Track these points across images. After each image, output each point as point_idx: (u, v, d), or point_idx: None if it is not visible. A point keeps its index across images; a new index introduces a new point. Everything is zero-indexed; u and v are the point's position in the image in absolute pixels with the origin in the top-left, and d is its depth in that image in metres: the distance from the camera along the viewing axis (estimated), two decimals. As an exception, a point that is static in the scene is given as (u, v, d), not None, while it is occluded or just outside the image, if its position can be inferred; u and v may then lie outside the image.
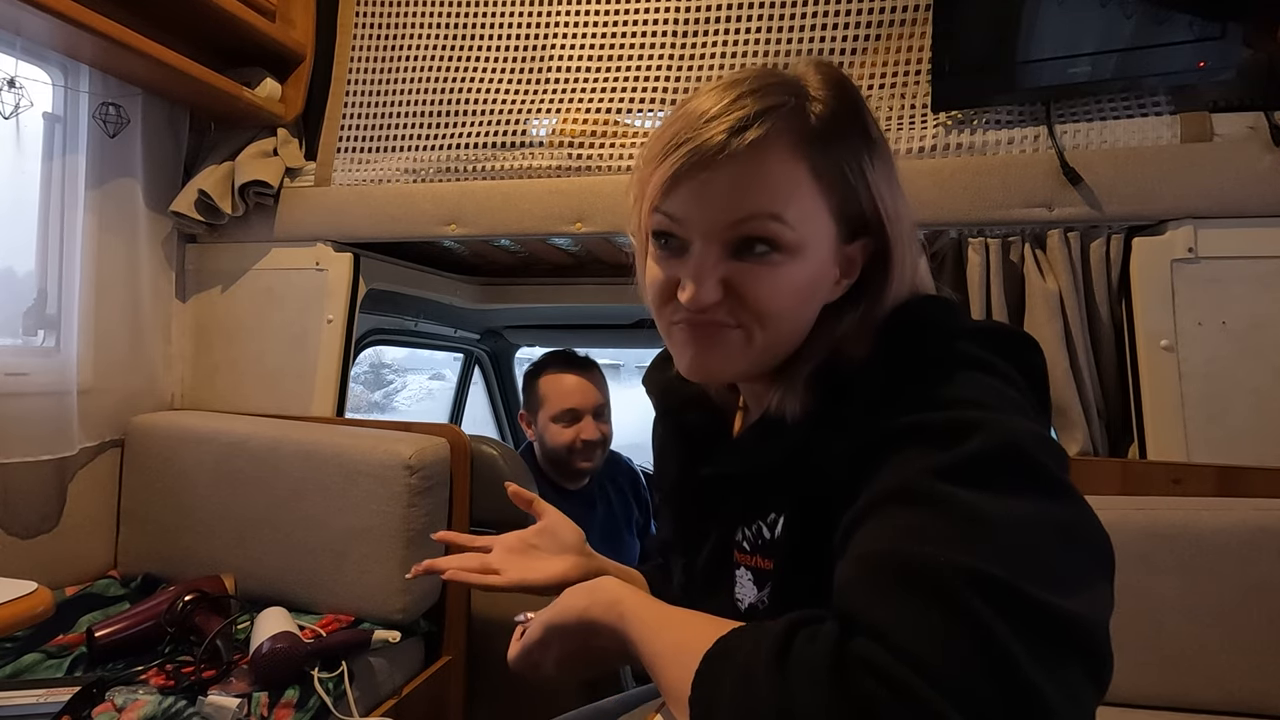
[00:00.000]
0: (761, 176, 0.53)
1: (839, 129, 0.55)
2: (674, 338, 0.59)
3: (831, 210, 0.55)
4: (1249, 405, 1.09)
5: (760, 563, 0.59)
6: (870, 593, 0.40)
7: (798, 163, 0.53)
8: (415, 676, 1.28)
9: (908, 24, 1.27)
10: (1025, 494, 0.42)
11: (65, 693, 0.91)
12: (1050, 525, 0.41)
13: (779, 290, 0.54)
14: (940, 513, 0.41)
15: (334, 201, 1.53)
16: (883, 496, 0.45)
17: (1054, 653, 0.36)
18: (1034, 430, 0.46)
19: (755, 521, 0.59)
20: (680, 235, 0.55)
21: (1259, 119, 1.10)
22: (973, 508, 0.41)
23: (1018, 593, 0.37)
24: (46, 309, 1.34)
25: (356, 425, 1.43)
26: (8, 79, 1.18)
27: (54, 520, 1.31)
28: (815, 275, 0.55)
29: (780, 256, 0.53)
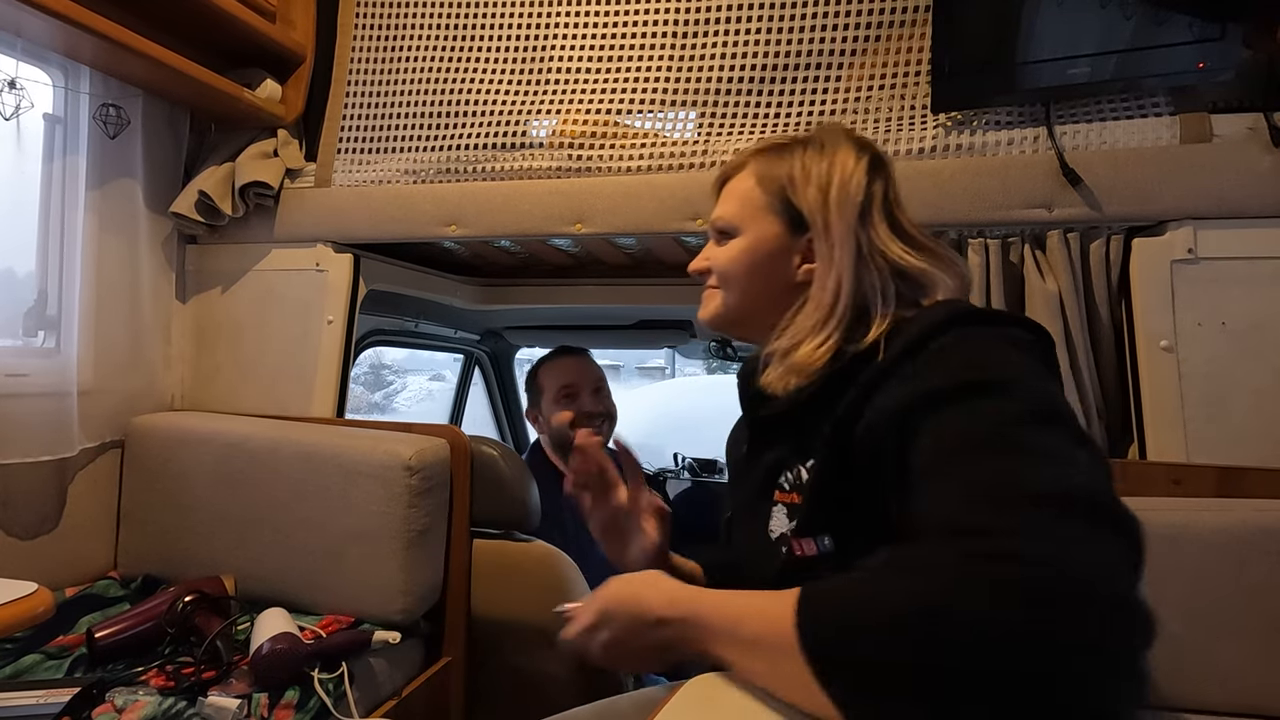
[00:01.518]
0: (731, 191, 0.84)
1: (788, 150, 0.79)
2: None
3: (771, 207, 0.79)
4: (1249, 406, 1.09)
5: (793, 499, 0.71)
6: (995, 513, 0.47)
7: (749, 175, 0.81)
8: (415, 677, 1.28)
9: (908, 24, 1.27)
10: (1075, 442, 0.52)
11: (65, 694, 0.91)
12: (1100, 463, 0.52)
13: (728, 262, 0.81)
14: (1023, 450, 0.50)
15: (334, 202, 1.53)
16: (961, 442, 0.53)
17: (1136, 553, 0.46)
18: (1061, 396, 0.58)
19: (796, 466, 0.72)
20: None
21: (1259, 120, 1.10)
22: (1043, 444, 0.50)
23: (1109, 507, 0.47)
24: (47, 310, 1.34)
25: (356, 426, 1.43)
26: (8, 80, 1.18)
27: (54, 521, 1.32)
28: (753, 248, 0.79)
29: (727, 238, 0.81)
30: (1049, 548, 0.43)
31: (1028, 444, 0.50)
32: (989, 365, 0.58)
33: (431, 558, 1.30)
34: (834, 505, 0.66)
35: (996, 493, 0.48)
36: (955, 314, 0.63)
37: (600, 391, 1.82)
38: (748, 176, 0.81)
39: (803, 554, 0.67)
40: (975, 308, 0.66)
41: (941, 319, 0.63)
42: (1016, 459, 0.50)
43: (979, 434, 0.52)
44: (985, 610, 0.42)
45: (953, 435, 0.54)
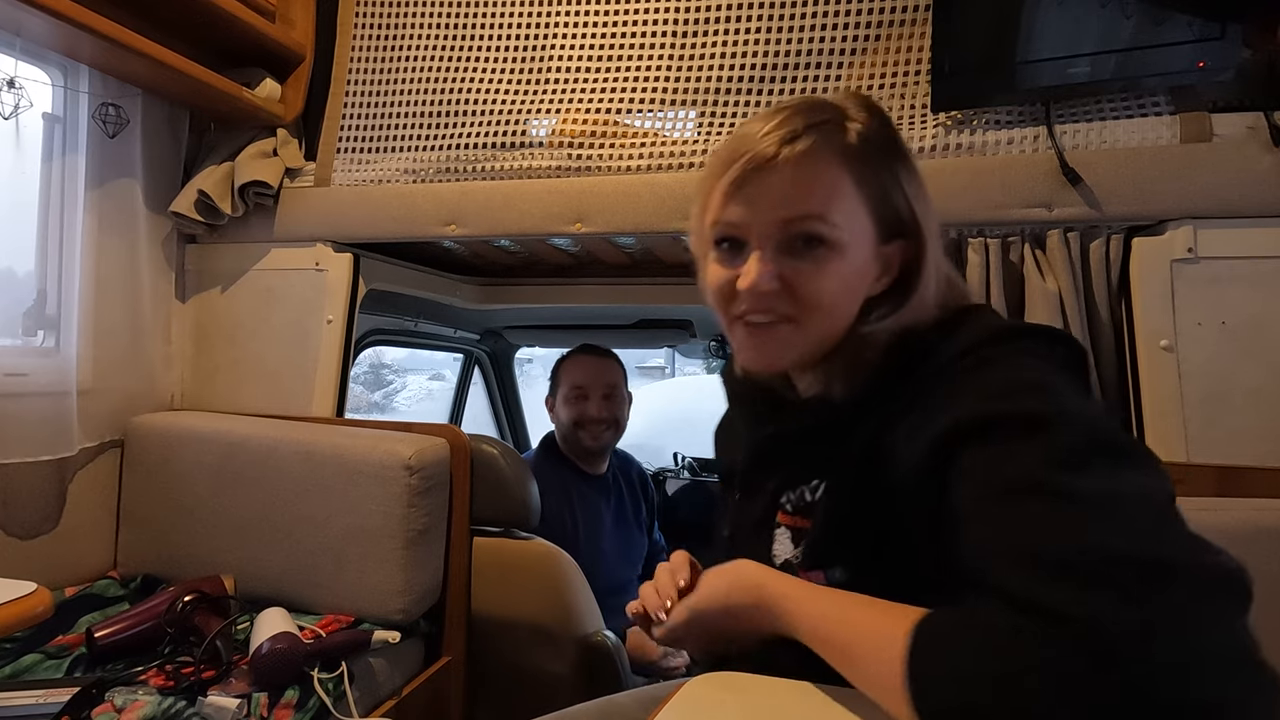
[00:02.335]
0: (809, 181, 0.62)
1: (875, 142, 0.64)
2: (735, 334, 0.68)
3: (870, 213, 0.64)
4: (1249, 405, 1.09)
5: (799, 522, 0.66)
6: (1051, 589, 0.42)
7: (840, 170, 0.62)
8: (415, 677, 1.28)
9: (908, 24, 1.27)
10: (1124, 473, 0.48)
11: (65, 693, 0.91)
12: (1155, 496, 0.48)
13: (826, 284, 0.62)
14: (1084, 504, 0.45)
15: (334, 202, 1.53)
16: (1003, 491, 0.48)
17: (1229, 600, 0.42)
18: (1105, 415, 0.53)
19: (800, 486, 0.67)
20: (738, 237, 0.65)
21: (1259, 119, 1.10)
22: (1111, 494, 0.45)
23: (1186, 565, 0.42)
24: (46, 309, 1.34)
25: (356, 425, 1.43)
26: (7, 79, 1.18)
27: (54, 521, 1.31)
28: (858, 271, 0.64)
29: (826, 252, 0.62)
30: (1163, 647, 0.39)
31: (1103, 489, 0.45)
32: (1028, 389, 0.52)
33: (431, 557, 1.30)
34: (850, 535, 0.61)
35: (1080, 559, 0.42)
36: (995, 330, 0.58)
37: (610, 397, 1.81)
38: (840, 170, 0.62)
39: None
40: (1009, 321, 0.62)
41: (982, 336, 0.57)
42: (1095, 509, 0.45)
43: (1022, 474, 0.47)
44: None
45: (994, 475, 0.49)
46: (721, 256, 0.66)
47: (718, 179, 0.65)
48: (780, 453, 0.71)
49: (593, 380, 1.80)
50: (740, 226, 0.64)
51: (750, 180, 0.62)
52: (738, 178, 0.63)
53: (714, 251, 0.67)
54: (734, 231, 0.65)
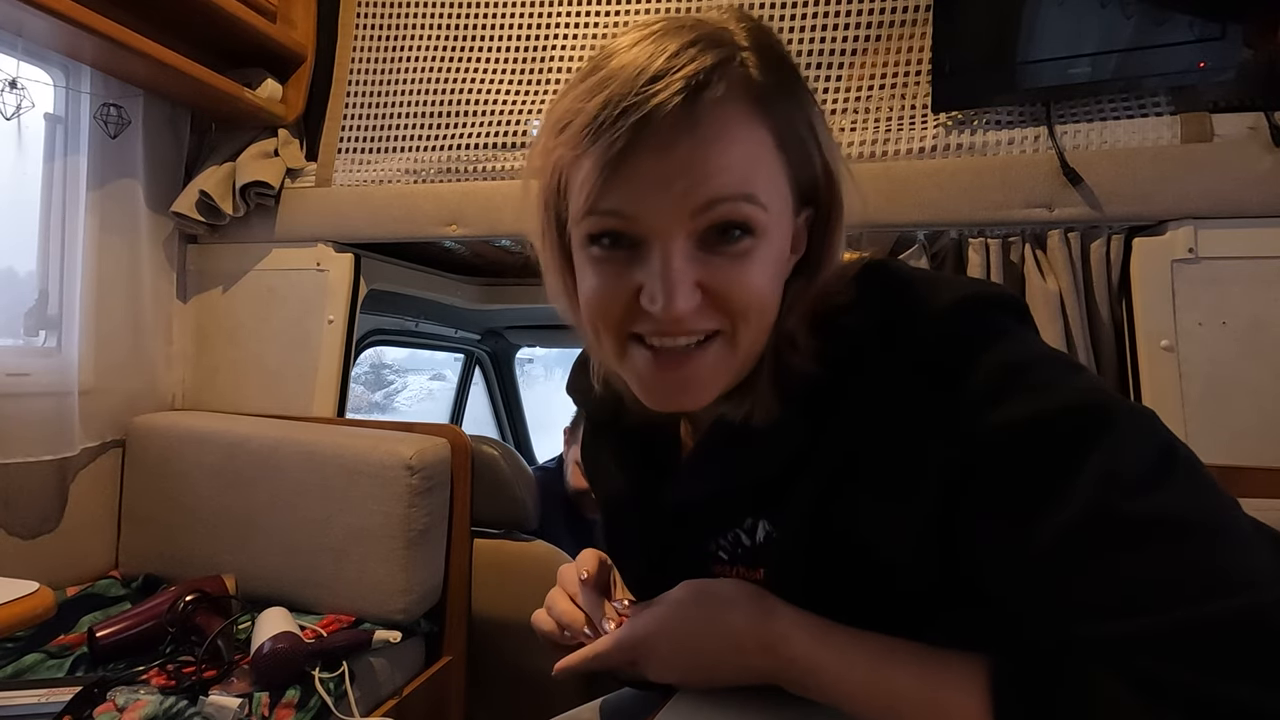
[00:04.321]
0: (727, 148, 0.43)
1: (785, 82, 0.47)
2: (634, 363, 0.48)
3: (789, 180, 0.48)
4: (1249, 405, 1.09)
5: (745, 572, 0.55)
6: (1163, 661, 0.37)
7: (760, 128, 0.45)
8: (416, 677, 1.28)
9: (908, 24, 1.27)
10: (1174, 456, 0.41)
11: (66, 693, 0.91)
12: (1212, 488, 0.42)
13: (758, 282, 0.46)
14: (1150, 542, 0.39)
15: (335, 202, 1.53)
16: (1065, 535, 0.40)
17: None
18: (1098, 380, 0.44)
19: (731, 530, 0.55)
20: (630, 232, 0.45)
21: (1259, 119, 1.10)
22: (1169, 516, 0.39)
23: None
24: (48, 309, 1.34)
25: (357, 425, 1.43)
26: (9, 80, 1.18)
27: (55, 520, 1.32)
28: (781, 255, 0.48)
29: (753, 242, 0.45)
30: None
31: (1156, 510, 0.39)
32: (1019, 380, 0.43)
33: (432, 557, 1.30)
34: (818, 585, 0.49)
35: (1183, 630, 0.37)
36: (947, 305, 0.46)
37: None
38: (751, 121, 0.45)
39: None
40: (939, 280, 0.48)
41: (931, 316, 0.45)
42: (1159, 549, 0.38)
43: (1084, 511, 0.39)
44: None
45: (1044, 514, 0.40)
46: (602, 257, 0.47)
47: (584, 149, 0.44)
48: (696, 506, 0.56)
49: None
50: (631, 217, 0.44)
51: (640, 153, 0.42)
52: (622, 148, 0.42)
53: (587, 250, 0.47)
54: (621, 225, 0.45)
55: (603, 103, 0.42)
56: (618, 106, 0.42)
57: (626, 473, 0.61)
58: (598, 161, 0.43)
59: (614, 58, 0.44)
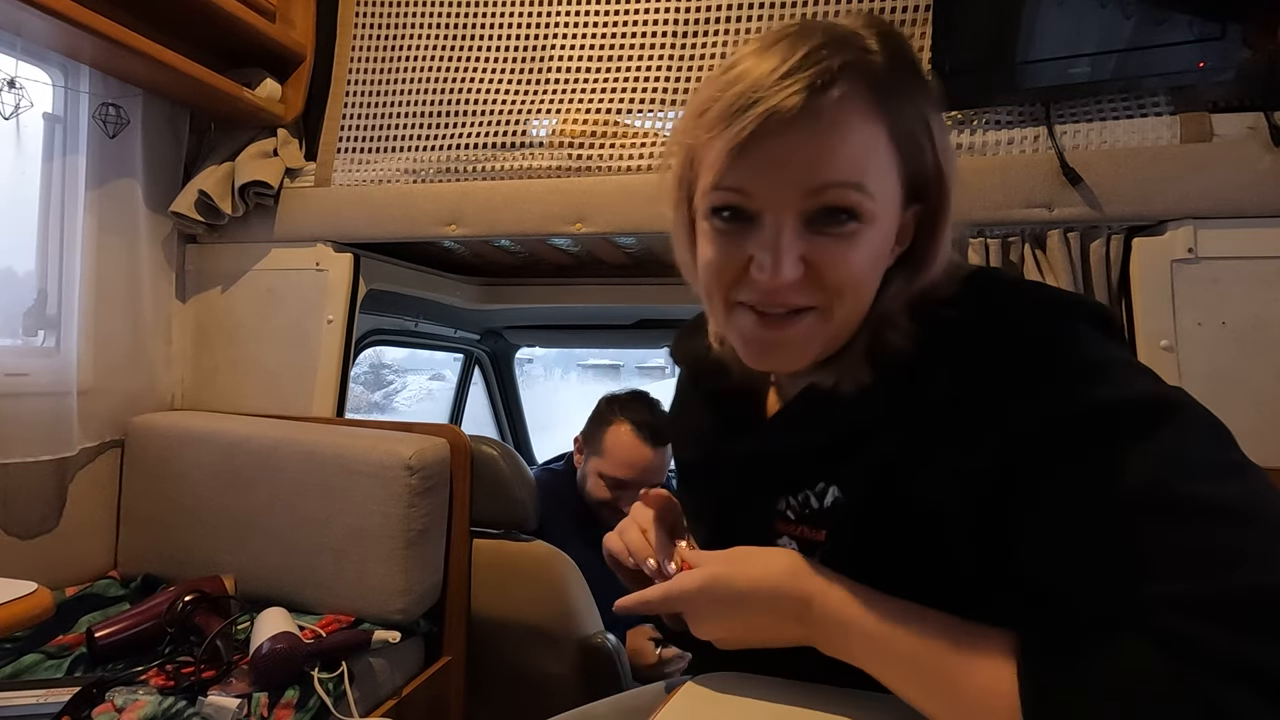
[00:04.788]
0: (843, 140, 0.49)
1: (907, 85, 0.52)
2: (738, 323, 0.55)
3: (900, 174, 0.52)
4: (1249, 405, 1.09)
5: (808, 532, 0.57)
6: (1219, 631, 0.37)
7: (877, 125, 0.50)
8: (415, 677, 1.28)
9: (908, 24, 1.27)
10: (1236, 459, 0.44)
11: (65, 693, 0.91)
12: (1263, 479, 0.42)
13: (858, 265, 0.51)
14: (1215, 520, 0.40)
15: (334, 202, 1.53)
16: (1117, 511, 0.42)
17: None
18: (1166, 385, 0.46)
19: (802, 491, 0.57)
20: (748, 207, 0.51)
21: (1259, 119, 1.10)
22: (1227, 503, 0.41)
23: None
24: (46, 309, 1.34)
25: (357, 425, 1.43)
26: (8, 79, 1.18)
27: (54, 520, 1.32)
28: (886, 242, 0.53)
29: (858, 227, 0.50)
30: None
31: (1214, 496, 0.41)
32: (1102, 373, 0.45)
33: (431, 557, 1.30)
34: (874, 552, 0.52)
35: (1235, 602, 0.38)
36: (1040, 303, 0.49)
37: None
38: (869, 119, 0.50)
39: None
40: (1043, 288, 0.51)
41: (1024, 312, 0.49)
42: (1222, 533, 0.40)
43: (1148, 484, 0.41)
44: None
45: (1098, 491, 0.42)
46: (721, 228, 0.53)
47: (716, 133, 0.50)
48: (767, 461, 0.60)
49: (638, 478, 1.61)
50: (751, 195, 0.51)
51: (765, 139, 0.48)
52: (750, 135, 0.48)
53: (709, 221, 0.54)
54: (741, 200, 0.51)
55: (737, 94, 0.49)
56: (750, 98, 0.48)
57: (718, 427, 0.66)
58: (726, 144, 0.49)
59: (751, 56, 0.50)
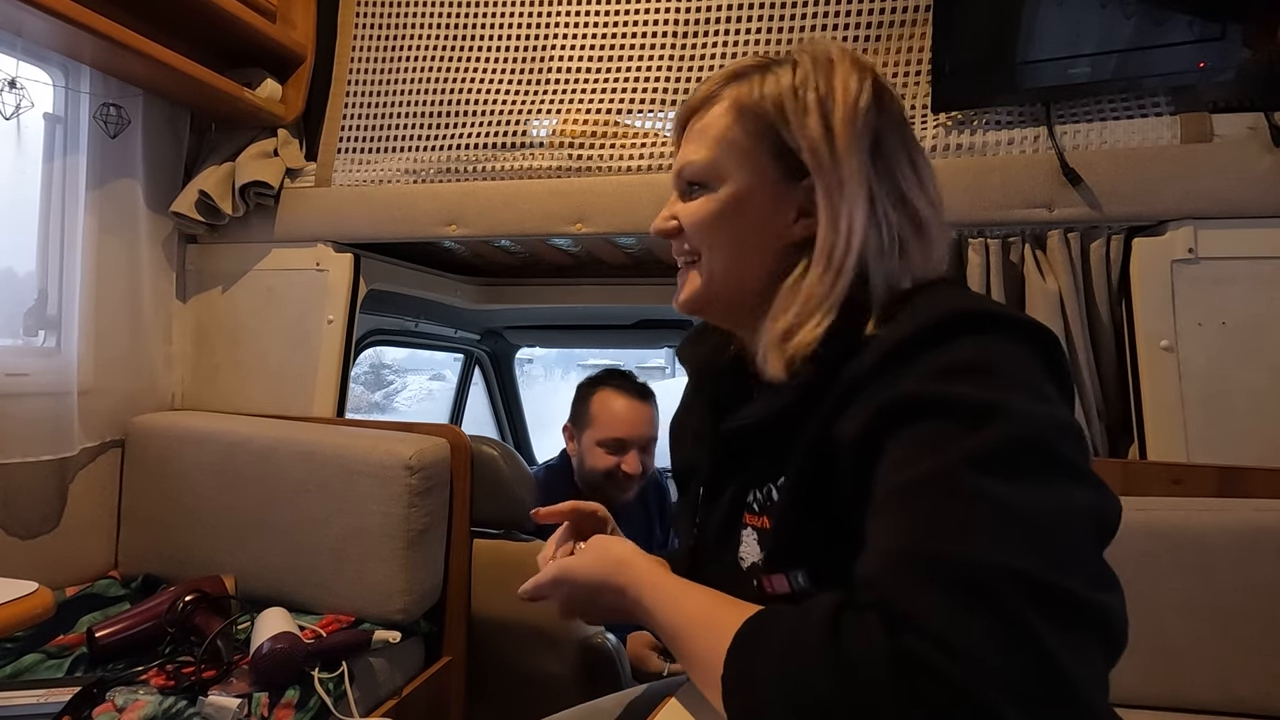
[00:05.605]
0: (703, 128, 0.65)
1: (770, 73, 0.63)
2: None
3: (765, 148, 0.62)
4: (1249, 405, 1.09)
5: (763, 523, 0.61)
6: (914, 590, 0.40)
7: (732, 112, 0.63)
8: (415, 677, 1.28)
9: (908, 24, 1.27)
10: (1051, 485, 0.43)
11: (65, 693, 0.91)
12: (1077, 516, 0.43)
13: (703, 219, 0.64)
14: (972, 507, 0.42)
15: (334, 202, 1.53)
16: (909, 482, 0.45)
17: (1086, 645, 0.39)
18: (1057, 417, 0.46)
19: (766, 484, 0.62)
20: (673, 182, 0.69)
21: (1259, 119, 1.10)
22: (1003, 501, 0.42)
23: (1054, 589, 0.39)
24: (47, 309, 1.34)
25: (357, 425, 1.43)
26: (9, 80, 1.18)
27: (54, 520, 1.32)
28: (744, 206, 0.62)
29: (702, 192, 0.64)
30: (992, 659, 0.37)
31: (994, 492, 0.42)
32: (975, 375, 0.47)
33: (431, 557, 1.30)
34: (808, 534, 0.56)
35: (943, 563, 0.40)
36: (955, 312, 0.51)
37: (648, 450, 1.64)
38: (723, 112, 0.63)
39: (773, 592, 0.58)
40: (979, 303, 0.53)
41: (940, 316, 0.51)
42: (978, 513, 0.42)
43: (936, 467, 0.44)
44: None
45: (909, 463, 0.46)
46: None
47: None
48: (743, 447, 0.64)
49: (633, 432, 1.60)
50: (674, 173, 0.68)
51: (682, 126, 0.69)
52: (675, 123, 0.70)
53: None
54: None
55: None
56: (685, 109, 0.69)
57: (708, 422, 0.71)
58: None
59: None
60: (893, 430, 0.48)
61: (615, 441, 1.60)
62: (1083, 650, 0.39)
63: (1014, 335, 0.51)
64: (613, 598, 0.61)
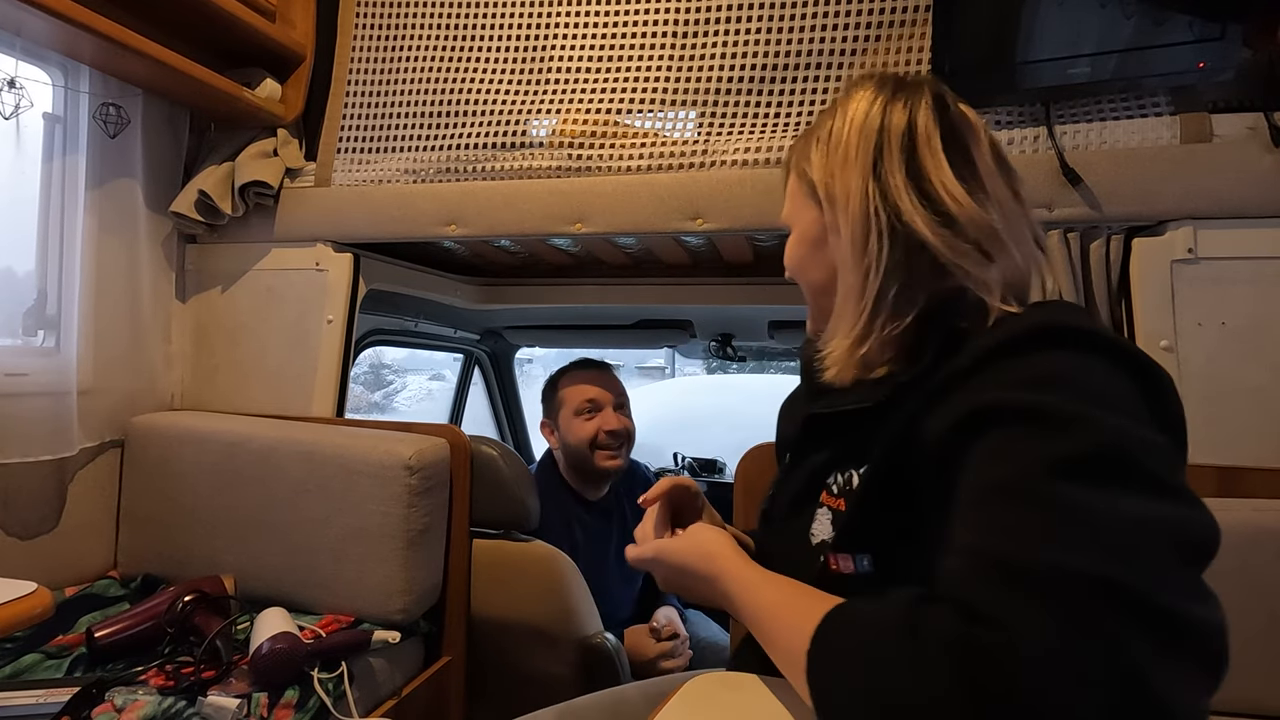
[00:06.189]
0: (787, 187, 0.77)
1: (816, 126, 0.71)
2: None
3: (807, 193, 0.71)
4: (1249, 406, 1.09)
5: (839, 505, 0.65)
6: (989, 586, 0.41)
7: (790, 169, 0.75)
8: (415, 677, 1.28)
9: (908, 24, 1.27)
10: (1130, 496, 0.43)
11: (65, 693, 0.91)
12: (1157, 528, 0.42)
13: (788, 257, 0.75)
14: (1052, 511, 0.43)
15: (334, 202, 1.53)
16: (992, 485, 0.47)
17: (1177, 659, 0.37)
18: (1143, 433, 0.47)
19: (849, 469, 0.64)
20: None
21: (1259, 119, 1.10)
22: (1083, 507, 0.42)
23: (1129, 591, 0.38)
24: (46, 309, 1.34)
25: (356, 425, 1.43)
26: (8, 79, 1.18)
27: (54, 520, 1.32)
28: (799, 239, 0.73)
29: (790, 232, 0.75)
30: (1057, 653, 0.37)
31: (1074, 498, 0.42)
32: (1063, 386, 0.48)
33: (431, 557, 1.30)
34: (880, 523, 0.59)
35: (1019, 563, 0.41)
36: (1053, 325, 0.52)
37: (623, 408, 1.73)
38: (790, 169, 0.76)
39: (838, 570, 0.61)
40: (1075, 319, 0.53)
41: (1029, 327, 0.53)
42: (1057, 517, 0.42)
43: (1019, 471, 0.45)
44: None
45: (994, 467, 0.47)
46: None
47: None
48: (831, 431, 0.68)
49: (603, 392, 1.69)
50: None
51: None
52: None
53: None
54: None
55: None
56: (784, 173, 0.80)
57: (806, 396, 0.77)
58: None
59: None
60: (978, 434, 0.49)
61: (589, 404, 1.69)
62: (1167, 658, 0.37)
63: (1110, 358, 0.52)
64: (703, 586, 0.66)
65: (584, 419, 1.68)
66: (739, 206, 1.30)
